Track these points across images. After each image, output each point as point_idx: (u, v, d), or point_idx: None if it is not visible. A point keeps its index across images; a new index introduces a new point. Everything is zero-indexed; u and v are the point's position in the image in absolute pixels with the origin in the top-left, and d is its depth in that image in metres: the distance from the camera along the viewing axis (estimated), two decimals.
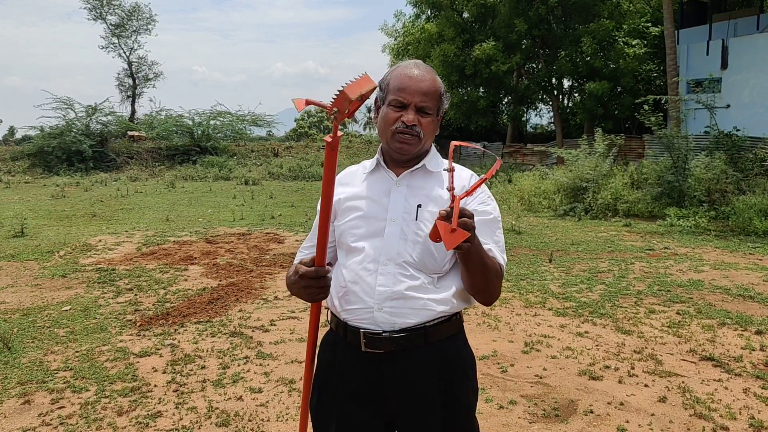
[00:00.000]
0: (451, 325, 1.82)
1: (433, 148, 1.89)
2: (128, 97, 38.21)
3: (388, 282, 1.73)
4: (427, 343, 1.76)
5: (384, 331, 1.74)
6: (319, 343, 1.90)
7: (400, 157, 1.80)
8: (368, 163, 1.90)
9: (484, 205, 1.82)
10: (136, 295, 6.48)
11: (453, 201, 1.42)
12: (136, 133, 28.74)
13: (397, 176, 1.81)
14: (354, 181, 1.89)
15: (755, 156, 13.85)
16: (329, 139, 1.52)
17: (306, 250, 1.98)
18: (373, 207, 1.80)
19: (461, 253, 1.59)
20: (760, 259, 8.13)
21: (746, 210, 10.62)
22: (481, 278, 1.71)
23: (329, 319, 1.89)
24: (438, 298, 1.76)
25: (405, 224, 1.76)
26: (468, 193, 1.54)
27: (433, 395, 1.76)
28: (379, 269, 1.74)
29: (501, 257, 1.79)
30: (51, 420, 3.59)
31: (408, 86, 1.74)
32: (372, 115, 1.98)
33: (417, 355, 1.75)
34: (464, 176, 1.83)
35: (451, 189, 1.48)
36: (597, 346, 4.79)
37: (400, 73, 1.77)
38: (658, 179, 13.11)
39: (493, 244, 1.79)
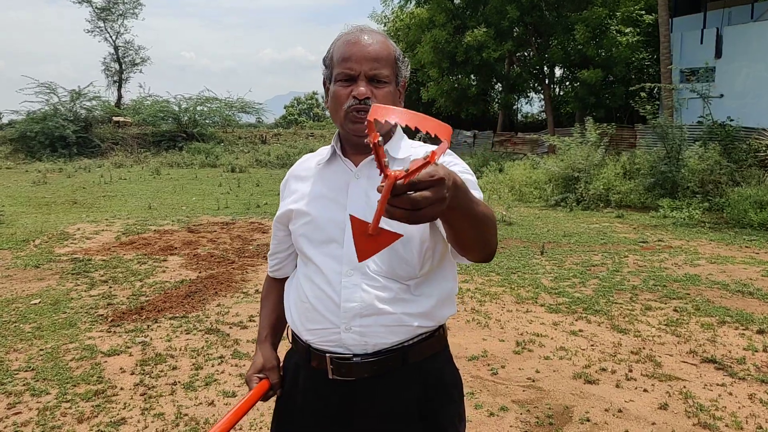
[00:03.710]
0: (432, 343, 1.52)
1: (399, 130, 1.55)
2: (115, 82, 37.54)
3: (354, 296, 1.43)
4: (405, 365, 1.47)
5: (354, 355, 1.45)
6: (282, 362, 1.63)
7: (359, 140, 1.46)
8: (324, 151, 1.58)
9: (452, 166, 1.42)
10: (110, 287, 6.18)
11: (384, 182, 0.91)
12: (121, 119, 28.21)
13: (356, 166, 1.50)
14: (307, 173, 1.59)
15: (749, 146, 13.67)
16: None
17: (271, 261, 1.75)
18: (329, 207, 1.48)
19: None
20: (757, 253, 7.93)
21: (741, 201, 10.43)
22: (473, 234, 1.21)
23: (289, 336, 1.61)
24: (416, 312, 1.45)
25: None
26: (409, 174, 0.91)
27: (413, 426, 1.48)
28: (343, 281, 1.44)
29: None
30: (5, 427, 3.30)
31: (353, 54, 1.43)
32: (323, 98, 1.64)
33: (394, 381, 1.47)
34: (421, 153, 1.45)
35: (381, 167, 0.91)
36: (592, 346, 4.55)
37: (344, 41, 1.47)
38: (651, 169, 12.91)
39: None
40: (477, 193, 1.33)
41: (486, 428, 3.32)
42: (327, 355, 1.46)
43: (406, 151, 1.53)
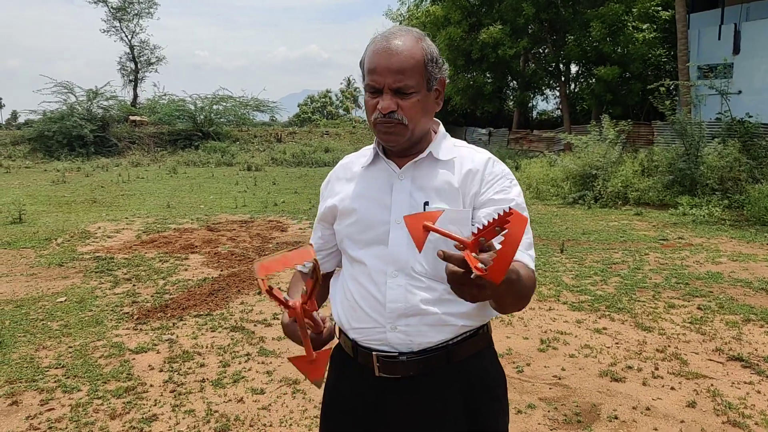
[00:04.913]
0: (477, 340, 1.54)
1: (442, 130, 1.57)
2: (130, 81, 37.85)
3: (399, 297, 1.45)
4: (449, 363, 1.49)
5: (400, 353, 1.47)
6: None
7: (392, 148, 1.51)
8: (368, 152, 1.60)
9: (504, 194, 1.49)
10: (134, 285, 6.25)
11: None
12: (137, 118, 28.43)
13: (400, 168, 1.51)
14: (350, 175, 1.60)
15: None
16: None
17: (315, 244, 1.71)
18: (373, 208, 1.50)
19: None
20: None
21: (762, 199, 10.31)
22: (514, 300, 1.32)
23: (337, 332, 1.63)
24: (459, 311, 1.47)
25: None
26: (471, 245, 1.07)
27: (457, 423, 1.50)
28: (388, 282, 1.46)
29: (530, 259, 1.42)
30: (39, 423, 3.36)
31: (378, 66, 1.40)
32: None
33: (438, 378, 1.49)
34: (477, 160, 1.51)
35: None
36: (617, 344, 4.54)
37: (372, 50, 1.44)
38: (669, 167, 12.80)
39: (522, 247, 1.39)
40: (528, 242, 1.45)
41: (514, 426, 3.33)
42: (373, 353, 1.49)
43: (450, 152, 1.54)
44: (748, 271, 6.69)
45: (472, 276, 1.01)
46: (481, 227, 1.06)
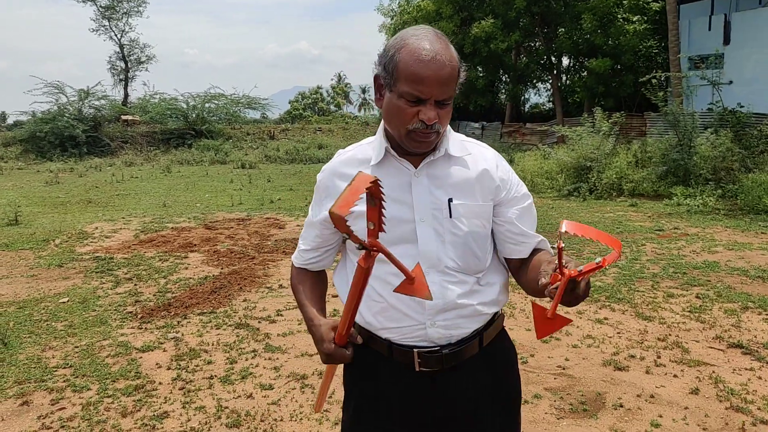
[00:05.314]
0: (498, 323, 1.65)
1: (448, 127, 1.57)
2: (121, 80, 37.72)
3: (437, 293, 1.47)
4: (481, 348, 1.58)
5: (442, 347, 1.52)
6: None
7: (417, 152, 1.50)
8: (370, 150, 1.56)
9: (520, 187, 1.61)
10: (135, 284, 6.27)
11: (558, 279, 1.23)
12: (129, 117, 28.36)
13: (415, 167, 1.51)
14: None
15: (760, 132, 13.64)
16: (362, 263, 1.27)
17: (306, 255, 1.71)
18: (394, 207, 1.47)
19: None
20: None
21: (755, 188, 10.42)
22: None
23: (357, 338, 1.60)
24: (487, 300, 1.56)
25: (437, 223, 1.49)
26: (582, 274, 1.21)
27: (489, 401, 1.60)
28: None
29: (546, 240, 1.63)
30: (51, 423, 3.38)
31: (426, 77, 1.35)
32: (372, 96, 1.61)
33: (472, 364, 1.57)
34: (489, 157, 1.59)
35: (560, 267, 1.22)
36: (618, 333, 4.60)
37: (413, 56, 1.37)
38: (662, 157, 12.91)
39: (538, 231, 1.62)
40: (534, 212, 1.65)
41: (522, 415, 3.37)
42: (414, 350, 1.52)
43: (460, 148, 1.57)
44: (744, 260, 6.77)
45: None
46: (583, 269, 1.22)
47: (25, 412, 3.52)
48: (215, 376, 3.98)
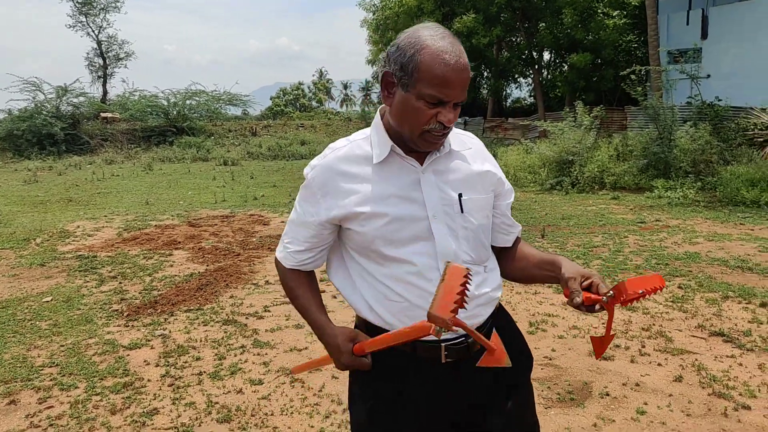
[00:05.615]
0: (499, 303, 1.72)
1: None
2: (99, 77, 37.29)
3: None
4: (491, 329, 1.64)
5: (466, 337, 1.56)
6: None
7: (423, 150, 1.52)
8: (367, 147, 1.55)
9: (499, 171, 1.69)
10: (120, 283, 6.23)
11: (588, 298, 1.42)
12: (109, 115, 28.06)
13: (421, 164, 1.52)
14: (359, 172, 1.53)
15: (738, 125, 13.87)
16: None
17: (301, 257, 1.66)
18: (405, 205, 1.49)
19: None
20: (752, 229, 8.09)
21: (733, 180, 10.60)
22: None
23: (362, 336, 1.61)
24: (495, 285, 1.65)
25: (450, 219, 1.51)
26: (624, 302, 1.41)
27: (505, 378, 1.63)
28: None
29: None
30: (40, 421, 3.36)
31: (452, 81, 1.38)
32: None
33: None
34: (482, 150, 1.69)
35: (604, 294, 1.42)
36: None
37: (437, 59, 1.37)
38: (643, 151, 13.07)
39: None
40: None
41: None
42: (441, 344, 1.54)
43: (459, 142, 1.62)
44: (724, 250, 6.89)
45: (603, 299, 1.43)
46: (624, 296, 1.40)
47: (12, 411, 3.49)
48: (204, 372, 3.97)
